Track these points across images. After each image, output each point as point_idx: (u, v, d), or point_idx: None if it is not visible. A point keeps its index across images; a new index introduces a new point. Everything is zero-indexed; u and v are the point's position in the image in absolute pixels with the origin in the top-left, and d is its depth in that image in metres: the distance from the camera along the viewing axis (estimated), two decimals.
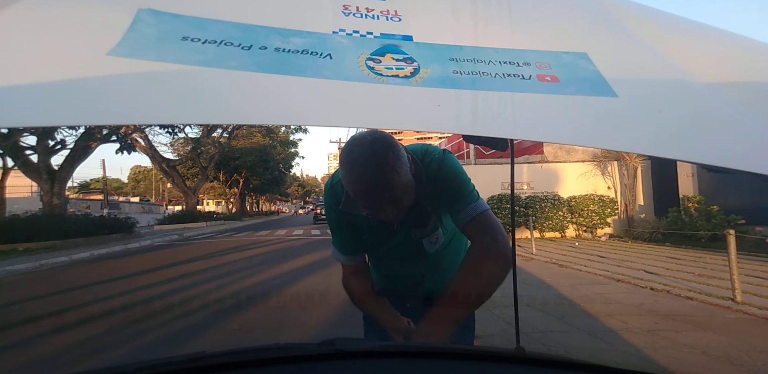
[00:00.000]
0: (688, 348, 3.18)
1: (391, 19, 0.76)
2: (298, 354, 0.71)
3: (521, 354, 0.73)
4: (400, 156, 0.98)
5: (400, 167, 0.97)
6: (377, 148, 0.96)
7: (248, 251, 10.84)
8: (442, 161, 1.13)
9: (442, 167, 1.12)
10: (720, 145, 0.62)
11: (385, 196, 0.98)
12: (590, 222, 12.27)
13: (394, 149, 0.98)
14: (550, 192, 12.72)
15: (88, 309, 4.83)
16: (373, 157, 0.95)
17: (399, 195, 1.00)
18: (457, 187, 1.11)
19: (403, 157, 0.99)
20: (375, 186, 0.96)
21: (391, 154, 0.96)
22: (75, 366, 3.08)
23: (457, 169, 1.14)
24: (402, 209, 1.06)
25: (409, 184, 1.02)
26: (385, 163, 0.95)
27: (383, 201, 0.99)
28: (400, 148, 1.01)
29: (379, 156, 0.95)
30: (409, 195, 1.04)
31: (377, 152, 0.96)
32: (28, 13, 0.61)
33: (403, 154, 1.00)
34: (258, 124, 1.20)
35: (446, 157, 1.15)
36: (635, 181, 12.35)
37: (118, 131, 16.22)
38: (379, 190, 0.96)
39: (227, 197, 42.17)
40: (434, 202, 1.14)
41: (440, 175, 1.11)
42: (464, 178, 1.14)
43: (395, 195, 0.99)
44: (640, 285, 5.38)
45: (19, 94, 0.51)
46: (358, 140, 0.99)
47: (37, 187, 18.81)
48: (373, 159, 0.95)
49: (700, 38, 0.88)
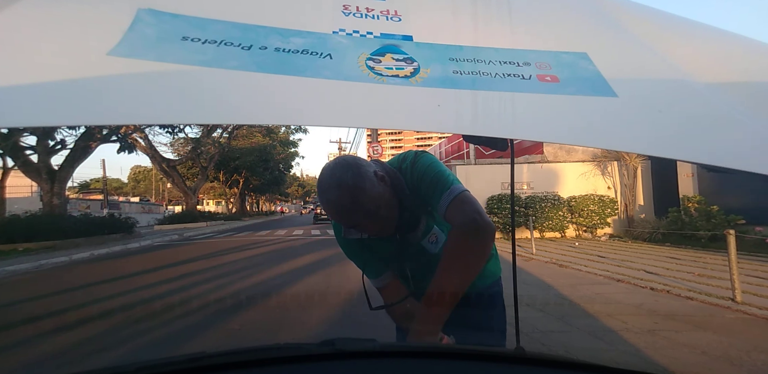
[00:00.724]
0: (688, 348, 3.18)
1: (391, 19, 0.76)
2: (298, 354, 0.71)
3: (521, 354, 0.73)
4: (362, 173, 1.04)
5: (362, 184, 1.03)
6: (337, 171, 1.04)
7: (248, 251, 10.84)
8: (414, 163, 1.16)
9: (415, 168, 1.15)
10: (720, 145, 0.62)
11: (355, 213, 1.04)
12: (590, 222, 12.27)
13: (355, 168, 1.04)
14: (550, 192, 12.72)
15: (88, 309, 4.83)
16: (334, 179, 1.03)
17: (373, 209, 1.05)
18: (432, 180, 1.12)
19: (365, 174, 1.04)
20: (341, 205, 1.03)
21: (350, 174, 1.03)
22: (75, 366, 3.08)
23: (430, 164, 1.15)
24: (387, 221, 1.11)
25: (380, 197, 1.06)
26: (346, 183, 1.02)
27: (358, 217, 1.06)
28: (361, 166, 1.06)
29: (340, 177, 1.03)
30: (387, 207, 1.09)
31: (337, 174, 1.04)
32: (28, 13, 0.61)
33: (365, 171, 1.05)
34: (258, 124, 1.20)
35: (418, 157, 1.17)
36: (635, 181, 12.35)
37: (118, 131, 16.22)
38: (348, 208, 1.03)
39: (227, 197, 42.17)
40: (420, 203, 1.16)
41: (416, 175, 1.14)
42: (438, 169, 1.14)
43: (367, 210, 1.04)
44: (640, 285, 5.38)
45: (19, 94, 0.51)
46: (325, 168, 1.08)
47: (37, 187, 18.80)
48: (335, 181, 1.03)
49: (700, 38, 0.88)
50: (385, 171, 1.13)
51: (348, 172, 1.04)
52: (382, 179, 1.09)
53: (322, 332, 3.69)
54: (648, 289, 5.17)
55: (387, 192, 1.09)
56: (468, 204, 1.07)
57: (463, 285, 1.05)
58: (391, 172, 1.16)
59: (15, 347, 3.50)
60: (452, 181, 1.12)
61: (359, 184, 1.03)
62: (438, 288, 1.04)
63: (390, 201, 1.10)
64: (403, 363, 0.74)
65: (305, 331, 3.75)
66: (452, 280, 1.04)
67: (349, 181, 1.02)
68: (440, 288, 1.04)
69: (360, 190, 1.03)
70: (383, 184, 1.09)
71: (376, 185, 1.06)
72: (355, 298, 5.29)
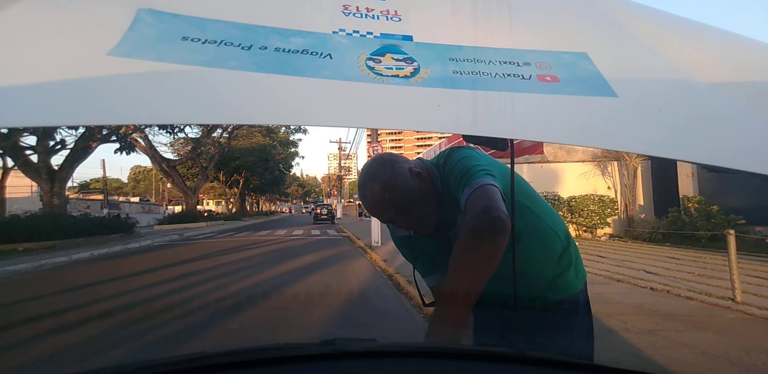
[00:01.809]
0: (688, 348, 3.17)
1: (391, 19, 0.76)
2: (298, 354, 0.71)
3: (521, 354, 0.73)
4: (395, 169, 1.07)
5: (393, 180, 1.05)
6: (373, 167, 1.09)
7: (248, 251, 10.84)
8: (447, 158, 1.13)
9: (447, 163, 1.12)
10: (720, 145, 0.61)
11: (387, 208, 1.07)
12: (590, 222, 12.27)
13: (388, 165, 1.07)
14: (550, 192, 12.72)
15: (88, 309, 4.83)
16: (368, 174, 1.08)
17: (404, 205, 1.06)
18: (458, 176, 1.07)
19: (398, 170, 1.07)
20: (374, 200, 1.07)
21: (382, 170, 1.06)
22: (75, 366, 3.08)
23: (461, 159, 1.10)
24: (423, 217, 1.10)
25: (412, 193, 1.06)
26: (377, 178, 1.06)
27: (390, 212, 1.08)
28: (395, 162, 1.08)
29: (374, 173, 1.07)
30: (422, 204, 1.08)
31: (372, 170, 1.08)
32: (28, 13, 0.61)
33: (399, 167, 1.07)
34: (258, 124, 1.20)
35: (452, 153, 1.14)
36: (635, 181, 12.35)
37: (118, 131, 16.22)
38: (379, 203, 1.07)
39: (227, 197, 42.17)
40: (455, 200, 1.09)
41: (446, 171, 1.12)
42: (466, 164, 1.07)
43: (398, 205, 1.06)
44: (640, 285, 5.38)
45: (19, 94, 0.51)
46: (365, 164, 1.13)
47: (37, 187, 18.80)
48: (369, 176, 1.08)
49: (700, 38, 0.88)
50: (423, 167, 1.13)
51: (381, 168, 1.07)
52: (418, 175, 1.09)
53: (322, 332, 3.69)
54: (648, 289, 5.17)
55: (423, 188, 1.08)
56: (483, 198, 0.98)
57: (474, 285, 0.97)
58: (430, 168, 1.15)
59: (15, 347, 3.50)
60: (477, 174, 1.03)
61: (390, 179, 1.05)
62: (449, 288, 0.99)
63: (425, 197, 1.09)
64: (403, 363, 0.74)
65: (305, 331, 3.75)
66: (461, 280, 0.97)
67: (380, 177, 1.06)
68: (450, 287, 0.99)
69: (390, 186, 1.05)
70: (418, 180, 1.08)
71: (409, 181, 1.07)
72: (355, 298, 5.29)
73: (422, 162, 1.18)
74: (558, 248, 1.16)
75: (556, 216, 1.21)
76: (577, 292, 1.20)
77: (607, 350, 3.10)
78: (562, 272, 1.16)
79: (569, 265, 1.17)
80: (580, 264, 1.22)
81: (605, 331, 3.57)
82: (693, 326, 3.70)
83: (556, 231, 1.16)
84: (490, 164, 1.09)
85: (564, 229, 1.20)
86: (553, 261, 1.15)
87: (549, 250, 1.15)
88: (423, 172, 1.11)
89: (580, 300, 1.21)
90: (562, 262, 1.16)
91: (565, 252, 1.16)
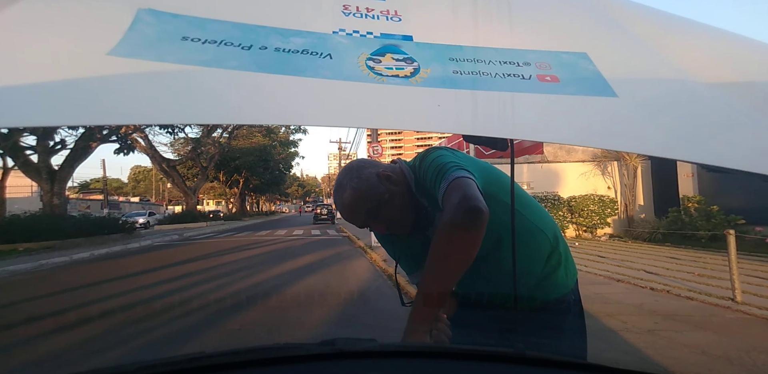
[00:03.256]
0: (688, 348, 3.17)
1: (391, 19, 0.76)
2: (298, 354, 0.71)
3: (521, 354, 0.73)
4: (361, 176, 1.09)
5: (359, 186, 1.07)
6: (341, 174, 1.12)
7: (248, 251, 10.84)
8: (423, 158, 1.13)
9: (422, 163, 1.12)
10: (720, 145, 0.61)
11: (358, 213, 1.09)
12: (590, 222, 12.27)
13: (356, 171, 1.10)
14: (550, 192, 12.72)
15: (88, 309, 4.83)
16: (338, 182, 1.12)
17: (374, 209, 1.08)
18: (433, 174, 1.05)
19: (364, 176, 1.09)
20: (344, 206, 1.10)
21: (349, 177, 1.09)
22: (75, 366, 3.08)
23: (436, 158, 1.09)
24: (397, 219, 1.11)
25: (379, 197, 1.07)
26: (344, 186, 1.09)
27: (362, 217, 1.09)
28: (363, 168, 1.11)
29: (341, 181, 1.11)
30: (394, 206, 1.09)
31: (340, 178, 1.12)
32: (28, 13, 0.61)
33: (366, 173, 1.09)
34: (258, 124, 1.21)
35: (427, 153, 1.14)
36: (635, 181, 12.35)
37: (118, 131, 16.23)
38: (349, 210, 1.09)
39: (227, 197, 42.17)
40: (434, 200, 1.10)
41: (423, 169, 1.11)
42: (441, 161, 1.06)
43: (368, 210, 1.08)
44: (640, 285, 5.38)
45: (19, 94, 0.51)
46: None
47: (37, 187, 18.81)
48: (338, 184, 1.11)
49: (700, 38, 0.88)
50: (394, 170, 1.14)
51: (348, 175, 1.10)
52: (387, 178, 1.10)
53: (322, 332, 3.69)
54: (648, 289, 5.17)
55: (393, 190, 1.09)
56: (457, 189, 0.95)
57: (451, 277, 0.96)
58: (405, 169, 1.15)
59: (15, 347, 3.50)
60: (451, 169, 1.02)
61: (357, 185, 1.07)
62: (426, 281, 0.99)
63: (397, 199, 1.09)
64: (403, 363, 0.74)
65: (305, 331, 3.75)
66: (438, 273, 0.96)
67: (347, 184, 1.08)
68: (427, 280, 0.98)
69: (357, 192, 1.07)
70: (388, 183, 1.09)
71: (377, 185, 1.08)
72: (355, 298, 5.29)
73: (397, 164, 1.19)
74: (546, 247, 1.15)
75: (544, 216, 1.20)
76: (567, 292, 1.20)
77: (607, 350, 3.10)
78: (552, 271, 1.15)
79: (558, 265, 1.16)
80: (571, 263, 1.21)
81: (605, 331, 3.57)
82: (693, 326, 3.70)
83: (543, 231, 1.15)
84: (467, 162, 1.09)
85: (553, 229, 1.18)
86: (541, 261, 1.14)
87: (536, 250, 1.14)
88: (393, 174, 1.12)
89: (571, 299, 1.21)
90: (551, 262, 1.15)
91: (554, 251, 1.16)
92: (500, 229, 1.07)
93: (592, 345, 1.29)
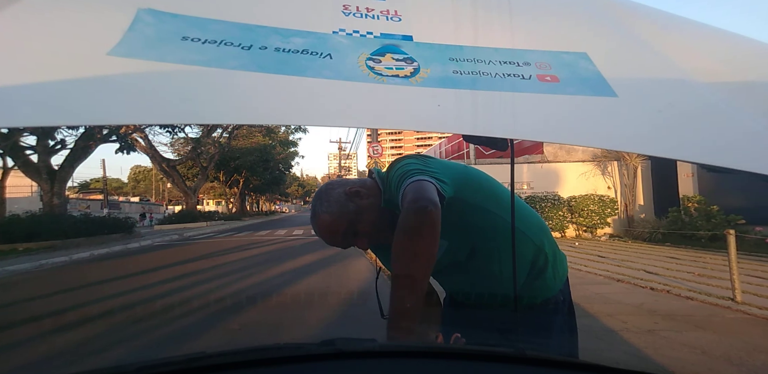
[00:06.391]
0: (688, 348, 3.17)
1: (391, 19, 0.76)
2: (299, 354, 0.71)
3: (521, 354, 0.73)
4: (328, 199, 1.10)
5: (329, 209, 1.09)
6: (312, 202, 1.15)
7: (248, 251, 10.84)
8: (391, 168, 1.12)
9: (389, 173, 1.12)
10: (720, 145, 0.61)
11: (335, 236, 1.10)
12: (590, 222, 12.26)
13: (323, 196, 1.12)
14: (550, 192, 12.72)
15: (88, 309, 4.83)
16: (311, 212, 1.14)
17: (349, 229, 1.08)
18: (397, 183, 1.03)
19: (331, 199, 1.10)
20: (320, 233, 1.12)
21: (318, 204, 1.11)
22: (75, 366, 3.08)
23: (402, 164, 1.08)
24: (376, 233, 1.11)
25: (350, 215, 1.08)
26: (315, 213, 1.11)
27: (340, 239, 1.10)
28: (330, 191, 1.12)
29: (312, 209, 1.13)
30: (370, 221, 1.09)
31: (311, 207, 1.14)
32: (28, 13, 0.61)
33: (332, 195, 1.11)
34: (258, 123, 1.21)
35: (395, 162, 1.13)
36: (635, 181, 12.35)
37: (118, 131, 16.21)
38: (326, 235, 1.11)
39: (227, 197, 42.17)
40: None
41: (389, 178, 1.09)
42: (405, 169, 1.04)
43: (344, 231, 1.09)
44: (640, 285, 5.38)
45: (19, 94, 0.51)
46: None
47: (37, 187, 18.82)
48: (311, 213, 1.13)
49: (700, 38, 0.88)
50: (363, 184, 1.14)
51: (317, 202, 1.12)
52: (356, 194, 1.10)
53: (322, 332, 3.69)
54: (648, 289, 5.17)
55: (363, 205, 1.09)
56: (409, 192, 0.94)
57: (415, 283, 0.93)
58: (378, 181, 1.15)
59: (15, 347, 3.50)
60: (410, 174, 1.00)
61: (327, 209, 1.09)
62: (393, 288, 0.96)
63: (369, 213, 1.09)
64: (403, 363, 0.74)
65: (305, 331, 3.75)
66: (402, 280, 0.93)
67: (318, 211, 1.10)
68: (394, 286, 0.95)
69: (328, 215, 1.08)
70: (358, 199, 1.10)
71: (346, 205, 1.09)
72: (355, 298, 5.29)
73: (370, 175, 1.19)
74: (529, 250, 1.13)
75: (529, 217, 1.18)
76: (556, 293, 1.19)
77: (607, 350, 3.10)
78: (539, 273, 1.15)
79: (546, 266, 1.15)
80: (560, 264, 1.20)
81: (605, 331, 3.57)
82: (693, 326, 3.70)
83: (525, 233, 1.12)
84: (438, 168, 1.05)
85: (537, 231, 1.17)
86: (526, 264, 1.13)
87: (517, 253, 1.09)
88: (363, 189, 1.12)
89: (560, 300, 1.20)
90: (538, 263, 1.14)
91: (539, 253, 1.14)
92: (473, 232, 1.12)
93: (592, 345, 1.29)
